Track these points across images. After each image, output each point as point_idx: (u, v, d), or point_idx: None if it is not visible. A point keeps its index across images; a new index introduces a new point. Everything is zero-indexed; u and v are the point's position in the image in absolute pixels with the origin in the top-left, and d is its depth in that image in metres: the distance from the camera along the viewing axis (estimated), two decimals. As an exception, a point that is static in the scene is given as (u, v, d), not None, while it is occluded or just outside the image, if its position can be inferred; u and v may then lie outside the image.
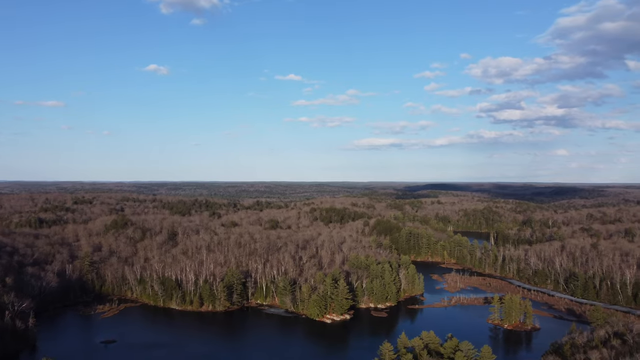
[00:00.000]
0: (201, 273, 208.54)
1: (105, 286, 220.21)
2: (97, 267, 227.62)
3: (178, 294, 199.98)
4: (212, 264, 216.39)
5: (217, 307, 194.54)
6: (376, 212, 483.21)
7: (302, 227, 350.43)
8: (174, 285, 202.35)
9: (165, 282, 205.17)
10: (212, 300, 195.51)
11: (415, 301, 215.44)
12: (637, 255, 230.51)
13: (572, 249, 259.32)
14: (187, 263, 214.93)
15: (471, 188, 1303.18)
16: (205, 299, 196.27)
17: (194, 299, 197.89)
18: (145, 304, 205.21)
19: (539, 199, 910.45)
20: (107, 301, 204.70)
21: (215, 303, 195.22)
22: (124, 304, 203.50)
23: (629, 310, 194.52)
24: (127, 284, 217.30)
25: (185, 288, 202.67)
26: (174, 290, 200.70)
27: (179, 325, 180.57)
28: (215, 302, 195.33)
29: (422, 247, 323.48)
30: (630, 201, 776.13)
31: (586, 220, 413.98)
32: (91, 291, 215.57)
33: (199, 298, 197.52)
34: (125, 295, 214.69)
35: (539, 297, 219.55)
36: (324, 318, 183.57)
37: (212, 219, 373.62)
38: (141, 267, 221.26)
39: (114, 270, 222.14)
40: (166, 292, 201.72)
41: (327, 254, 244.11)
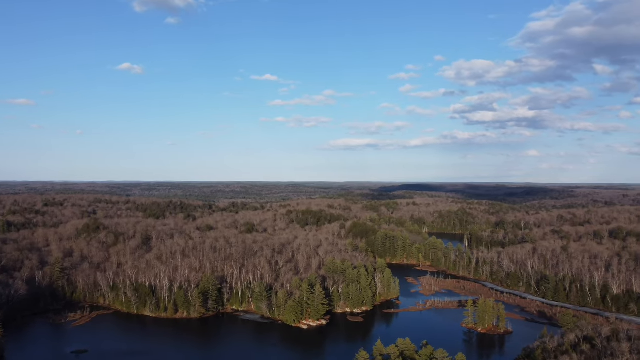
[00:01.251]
0: (176, 279, 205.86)
1: (76, 293, 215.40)
2: (68, 273, 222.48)
3: (152, 300, 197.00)
4: (187, 270, 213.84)
5: (192, 314, 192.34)
6: (352, 214, 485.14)
7: (278, 230, 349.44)
8: (148, 292, 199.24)
9: (139, 288, 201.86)
10: (187, 307, 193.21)
11: (391, 305, 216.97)
12: (605, 258, 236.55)
13: (544, 252, 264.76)
14: (161, 269, 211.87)
15: (445, 188, 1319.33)
16: (180, 306, 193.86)
17: (168, 305, 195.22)
18: (118, 311, 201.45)
19: (512, 200, 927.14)
20: (79, 309, 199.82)
21: (190, 310, 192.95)
22: (96, 311, 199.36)
23: (598, 312, 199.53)
24: (99, 291, 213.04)
25: (160, 294, 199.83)
26: (147, 297, 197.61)
27: (153, 333, 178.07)
28: (190, 308, 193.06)
29: (398, 249, 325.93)
30: (599, 202, 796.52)
31: (557, 221, 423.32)
32: (62, 298, 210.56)
33: (174, 305, 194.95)
34: (97, 303, 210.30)
35: (512, 300, 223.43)
36: (300, 324, 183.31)
37: (187, 221, 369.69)
38: (114, 273, 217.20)
39: (86, 276, 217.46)
40: (140, 299, 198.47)
41: (304, 258, 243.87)
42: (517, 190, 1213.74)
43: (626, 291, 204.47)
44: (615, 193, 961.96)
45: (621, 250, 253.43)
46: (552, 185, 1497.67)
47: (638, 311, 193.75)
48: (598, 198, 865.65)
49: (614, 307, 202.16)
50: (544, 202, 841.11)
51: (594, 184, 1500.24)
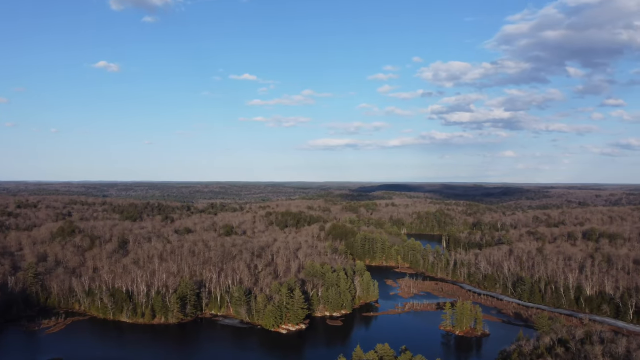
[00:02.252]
0: (153, 284, 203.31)
1: (50, 299, 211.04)
2: (42, 278, 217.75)
3: (129, 306, 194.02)
4: (164, 274, 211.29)
5: (170, 319, 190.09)
6: (332, 215, 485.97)
7: (257, 232, 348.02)
8: (125, 297, 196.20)
9: (115, 293, 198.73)
10: (165, 312, 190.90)
11: (370, 308, 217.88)
12: (578, 260, 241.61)
13: (520, 253, 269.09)
14: (138, 273, 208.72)
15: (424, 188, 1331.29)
16: (158, 311, 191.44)
17: (145, 311, 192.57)
18: (93, 317, 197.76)
19: (488, 200, 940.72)
20: (53, 315, 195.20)
21: (167, 315, 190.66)
22: (70, 317, 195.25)
23: (572, 313, 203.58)
24: (74, 296, 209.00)
25: (137, 300, 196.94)
26: (124, 303, 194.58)
27: (130, 339, 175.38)
28: (168, 314, 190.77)
29: (377, 251, 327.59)
30: (573, 202, 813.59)
31: (532, 222, 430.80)
32: (35, 305, 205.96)
33: (151, 310, 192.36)
34: (72, 309, 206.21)
35: (489, 302, 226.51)
36: (280, 328, 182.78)
37: (165, 224, 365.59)
38: (89, 278, 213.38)
39: (61, 281, 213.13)
40: (116, 305, 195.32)
41: (283, 262, 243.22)
42: (493, 191, 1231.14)
43: (599, 292, 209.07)
44: (588, 193, 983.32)
45: (594, 251, 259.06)
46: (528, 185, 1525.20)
47: (610, 312, 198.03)
48: (572, 198, 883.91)
49: (587, 308, 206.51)
50: (519, 202, 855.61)
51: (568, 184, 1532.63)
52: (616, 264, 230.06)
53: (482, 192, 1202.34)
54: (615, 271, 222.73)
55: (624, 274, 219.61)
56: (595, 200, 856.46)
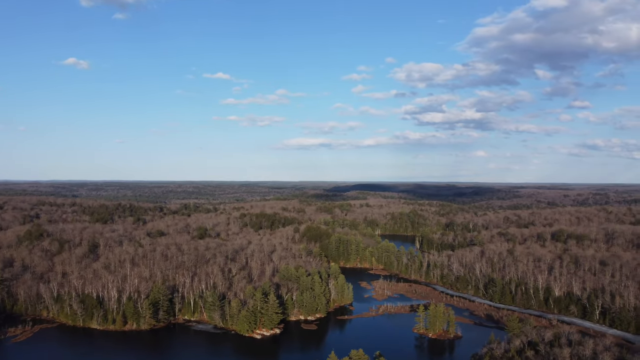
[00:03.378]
0: (125, 289, 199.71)
1: (17, 306, 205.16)
2: (9, 284, 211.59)
3: (99, 312, 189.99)
4: (136, 279, 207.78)
5: (142, 326, 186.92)
6: (306, 217, 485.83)
7: (231, 235, 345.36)
8: (95, 303, 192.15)
9: (86, 299, 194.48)
10: (137, 319, 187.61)
11: (345, 311, 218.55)
12: (547, 261, 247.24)
13: (491, 255, 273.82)
14: (109, 278, 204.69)
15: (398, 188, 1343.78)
16: (129, 317, 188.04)
17: (116, 317, 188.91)
18: (62, 324, 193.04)
19: (461, 200, 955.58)
20: (20, 323, 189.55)
21: (139, 321, 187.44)
22: (38, 325, 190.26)
23: (541, 314, 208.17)
24: (42, 303, 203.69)
25: (107, 306, 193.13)
26: (94, 309, 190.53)
27: (101, 347, 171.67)
28: (140, 320, 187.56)
29: (351, 253, 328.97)
30: (542, 202, 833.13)
31: (503, 223, 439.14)
32: (1, 312, 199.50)
33: (122, 316, 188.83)
34: (40, 316, 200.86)
35: (461, 303, 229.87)
36: (254, 333, 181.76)
37: (137, 226, 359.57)
38: (58, 284, 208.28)
39: (28, 287, 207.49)
40: (86, 311, 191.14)
41: (257, 265, 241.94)
42: (466, 190, 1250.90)
43: (567, 293, 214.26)
44: (557, 193, 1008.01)
45: (562, 252, 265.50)
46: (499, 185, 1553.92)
47: (577, 313, 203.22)
48: (541, 198, 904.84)
49: (556, 308, 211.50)
50: (491, 202, 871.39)
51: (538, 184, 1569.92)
52: (583, 265, 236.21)
53: (455, 192, 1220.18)
54: (583, 272, 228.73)
55: (591, 275, 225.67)
56: (564, 200, 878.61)
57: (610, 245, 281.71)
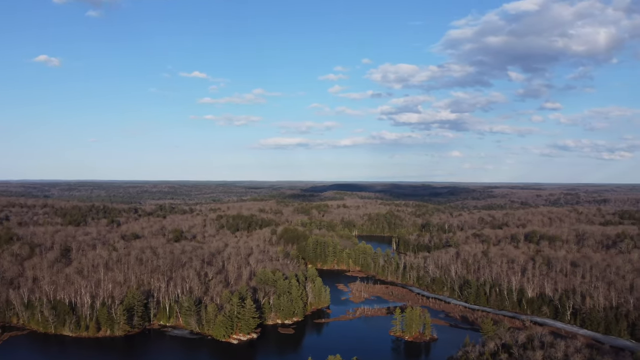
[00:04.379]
0: (98, 295, 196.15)
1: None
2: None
3: (72, 319, 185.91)
4: (110, 284, 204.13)
5: (116, 332, 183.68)
6: (284, 218, 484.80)
7: (208, 237, 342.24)
8: (67, 310, 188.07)
9: (57, 306, 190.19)
10: (111, 325, 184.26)
11: (322, 314, 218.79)
12: (521, 263, 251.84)
13: (466, 256, 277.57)
14: (82, 284, 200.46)
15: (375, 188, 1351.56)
16: (103, 324, 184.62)
17: (89, 324, 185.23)
18: (33, 331, 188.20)
19: (437, 200, 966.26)
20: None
21: (113, 327, 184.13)
22: (8, 332, 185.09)
23: (514, 315, 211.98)
24: (12, 310, 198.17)
25: (80, 312, 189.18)
26: (67, 315, 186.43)
27: (73, 354, 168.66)
28: (114, 326, 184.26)
29: (329, 255, 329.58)
30: (515, 202, 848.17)
31: (478, 224, 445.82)
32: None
33: (96, 323, 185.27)
34: (10, 323, 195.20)
35: (437, 305, 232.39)
36: (231, 338, 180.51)
37: (111, 228, 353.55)
38: (29, 290, 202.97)
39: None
40: (58, 318, 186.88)
41: (234, 268, 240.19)
42: (441, 190, 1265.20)
43: (539, 294, 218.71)
44: (530, 193, 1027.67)
45: (535, 254, 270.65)
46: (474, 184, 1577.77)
47: (549, 313, 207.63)
48: (514, 198, 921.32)
49: (529, 309, 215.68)
50: (466, 202, 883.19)
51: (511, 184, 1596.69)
52: (555, 266, 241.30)
53: (431, 192, 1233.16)
54: (554, 273, 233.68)
55: (562, 276, 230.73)
56: (536, 200, 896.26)
57: (581, 247, 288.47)
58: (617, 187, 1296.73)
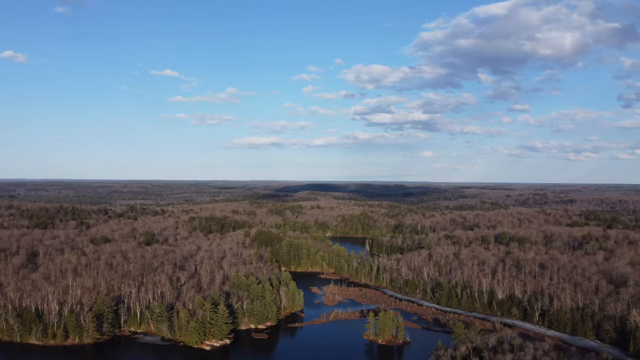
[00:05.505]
0: (66, 301, 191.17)
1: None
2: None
3: (39, 327, 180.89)
4: (79, 290, 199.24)
5: (85, 340, 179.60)
6: (257, 220, 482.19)
7: (180, 239, 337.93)
8: (34, 317, 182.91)
9: (23, 313, 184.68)
10: (79, 332, 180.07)
11: (296, 318, 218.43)
12: (491, 264, 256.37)
13: (438, 258, 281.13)
14: (49, 290, 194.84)
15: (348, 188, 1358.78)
16: (71, 331, 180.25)
17: (57, 331, 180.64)
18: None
19: (409, 200, 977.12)
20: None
21: (82, 335, 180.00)
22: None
23: (485, 317, 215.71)
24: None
25: (47, 320, 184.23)
26: (33, 323, 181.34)
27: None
28: (83, 333, 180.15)
29: (303, 257, 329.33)
30: (486, 202, 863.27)
31: (450, 225, 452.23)
32: None
33: (64, 330, 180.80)
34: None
35: (410, 307, 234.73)
36: (203, 344, 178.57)
37: (80, 231, 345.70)
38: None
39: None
40: (24, 326, 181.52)
41: (207, 273, 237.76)
42: (414, 190, 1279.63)
43: (509, 296, 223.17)
44: (500, 193, 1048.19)
45: (505, 256, 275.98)
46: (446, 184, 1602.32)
47: (519, 314, 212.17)
48: (485, 198, 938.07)
49: (499, 311, 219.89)
50: (438, 202, 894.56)
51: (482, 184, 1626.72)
52: (524, 268, 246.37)
53: (404, 192, 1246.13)
54: (524, 275, 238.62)
55: (531, 277, 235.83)
56: (506, 200, 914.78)
57: (548, 248, 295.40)
58: (583, 187, 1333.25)
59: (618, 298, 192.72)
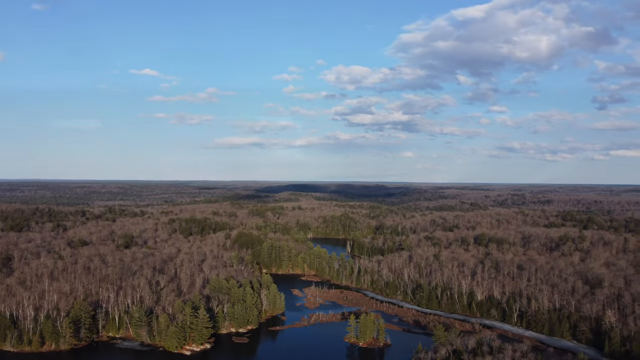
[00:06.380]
0: (42, 307, 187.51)
1: None
2: None
3: (13, 333, 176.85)
4: (55, 295, 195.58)
5: (62, 346, 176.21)
6: (238, 221, 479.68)
7: (159, 242, 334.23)
8: (8, 323, 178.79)
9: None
10: (56, 338, 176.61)
11: (277, 321, 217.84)
12: (471, 266, 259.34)
13: (418, 260, 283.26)
14: (24, 295, 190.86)
15: (329, 188, 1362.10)
16: (47, 337, 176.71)
17: (33, 338, 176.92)
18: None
19: (390, 200, 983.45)
20: None
21: (59, 341, 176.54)
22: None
23: (465, 318, 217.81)
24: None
25: (23, 326, 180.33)
26: (8, 330, 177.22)
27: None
28: (60, 339, 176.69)
29: (284, 259, 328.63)
30: (465, 203, 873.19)
31: (430, 226, 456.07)
32: None
33: (40, 336, 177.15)
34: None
35: (391, 309, 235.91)
36: (183, 349, 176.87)
37: (57, 234, 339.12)
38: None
39: None
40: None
41: (187, 276, 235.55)
42: (395, 191, 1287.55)
43: (488, 297, 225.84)
44: (479, 194, 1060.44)
45: (484, 257, 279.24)
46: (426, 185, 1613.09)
47: (498, 316, 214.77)
48: (465, 199, 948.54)
49: (478, 312, 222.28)
50: (418, 203, 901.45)
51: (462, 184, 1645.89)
52: (503, 269, 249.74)
53: (384, 193, 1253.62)
54: (502, 276, 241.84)
55: (510, 279, 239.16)
56: (485, 200, 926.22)
57: (527, 249, 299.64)
58: (560, 188, 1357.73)
59: (594, 299, 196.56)
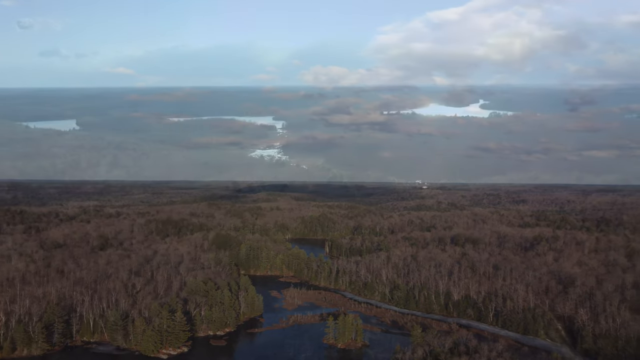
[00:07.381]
0: (14, 312, 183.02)
1: None
2: None
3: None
4: (27, 300, 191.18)
5: (34, 351, 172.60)
6: (215, 222, 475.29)
7: (136, 243, 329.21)
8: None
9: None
10: (28, 344, 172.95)
11: (255, 324, 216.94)
12: (447, 266, 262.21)
13: (396, 260, 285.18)
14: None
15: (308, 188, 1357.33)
16: (19, 343, 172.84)
17: (4, 344, 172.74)
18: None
19: (369, 200, 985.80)
20: None
21: (31, 346, 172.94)
22: None
23: (442, 319, 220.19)
24: None
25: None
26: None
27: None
28: (32, 345, 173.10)
29: (262, 261, 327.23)
30: (443, 202, 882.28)
31: (407, 226, 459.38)
32: None
33: (11, 342, 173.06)
34: None
35: (369, 310, 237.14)
36: (160, 353, 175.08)
37: (29, 236, 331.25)
38: None
39: None
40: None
41: (164, 278, 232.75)
42: (373, 191, 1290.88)
43: (464, 297, 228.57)
44: (456, 194, 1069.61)
45: (461, 257, 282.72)
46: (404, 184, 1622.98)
47: (474, 315, 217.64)
48: (442, 199, 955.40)
49: (455, 312, 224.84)
50: (396, 203, 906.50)
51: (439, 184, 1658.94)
52: (479, 269, 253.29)
53: (363, 193, 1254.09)
54: (478, 276, 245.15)
55: (485, 279, 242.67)
56: (462, 200, 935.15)
57: (502, 249, 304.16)
58: (535, 187, 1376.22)
59: (567, 298, 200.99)
